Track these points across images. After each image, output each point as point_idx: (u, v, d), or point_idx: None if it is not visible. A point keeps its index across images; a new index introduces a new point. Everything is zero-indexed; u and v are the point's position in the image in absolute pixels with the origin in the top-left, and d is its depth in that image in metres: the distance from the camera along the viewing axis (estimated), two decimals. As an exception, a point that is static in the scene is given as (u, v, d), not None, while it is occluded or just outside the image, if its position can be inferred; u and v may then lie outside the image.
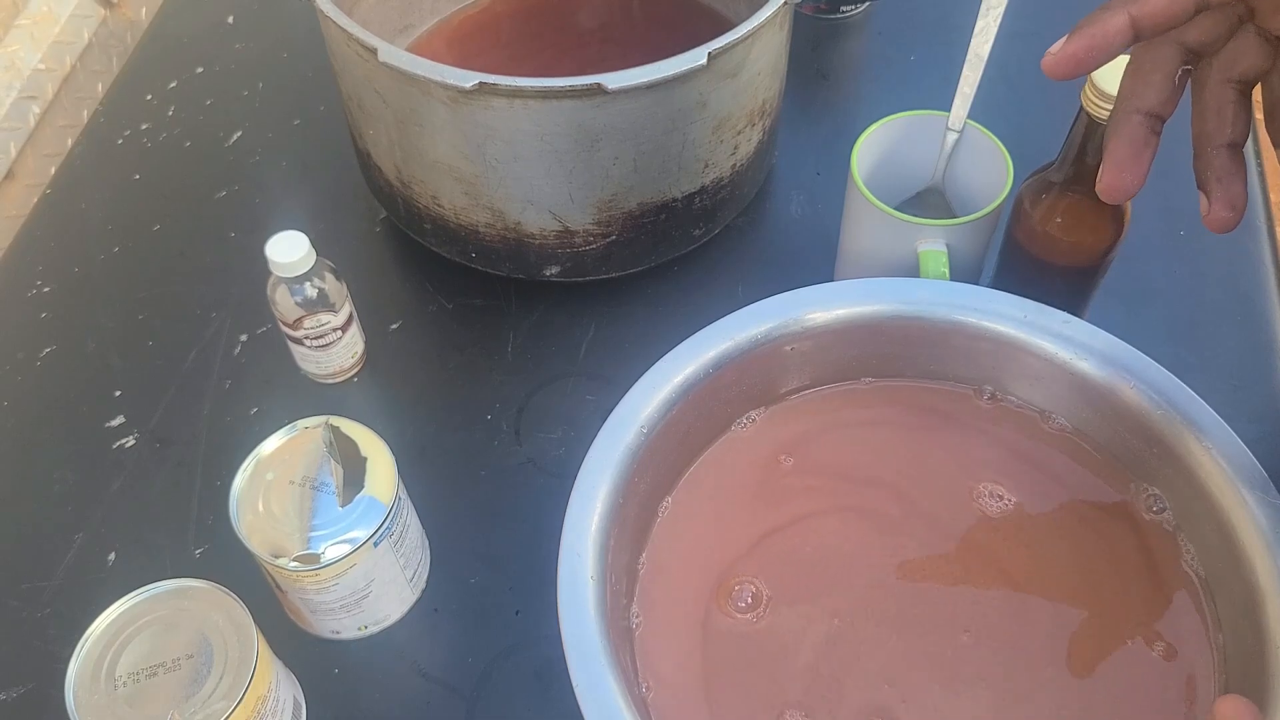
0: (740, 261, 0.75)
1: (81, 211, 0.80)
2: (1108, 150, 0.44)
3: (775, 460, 0.56)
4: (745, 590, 0.52)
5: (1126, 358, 0.53)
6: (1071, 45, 0.42)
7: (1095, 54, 0.41)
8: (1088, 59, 0.41)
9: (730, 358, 0.55)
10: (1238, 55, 0.43)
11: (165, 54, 0.91)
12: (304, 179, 0.81)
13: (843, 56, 0.90)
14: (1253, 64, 0.43)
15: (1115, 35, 0.41)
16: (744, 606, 0.51)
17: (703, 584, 0.52)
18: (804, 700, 0.49)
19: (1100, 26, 0.41)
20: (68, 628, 0.57)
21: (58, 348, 0.72)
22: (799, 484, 0.55)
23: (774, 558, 0.53)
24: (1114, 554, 0.52)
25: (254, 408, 0.69)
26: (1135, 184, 0.44)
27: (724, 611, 0.51)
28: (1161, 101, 0.43)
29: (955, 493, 0.54)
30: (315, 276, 0.64)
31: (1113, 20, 0.41)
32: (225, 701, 0.48)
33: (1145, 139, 0.43)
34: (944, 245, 0.62)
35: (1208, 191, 0.43)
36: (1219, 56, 0.43)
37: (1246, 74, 0.43)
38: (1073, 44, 0.42)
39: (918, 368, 0.58)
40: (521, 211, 0.67)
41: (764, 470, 0.56)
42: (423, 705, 0.57)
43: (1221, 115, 0.43)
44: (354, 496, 0.54)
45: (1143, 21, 0.40)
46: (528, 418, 0.68)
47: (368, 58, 0.61)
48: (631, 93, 0.61)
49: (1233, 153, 0.43)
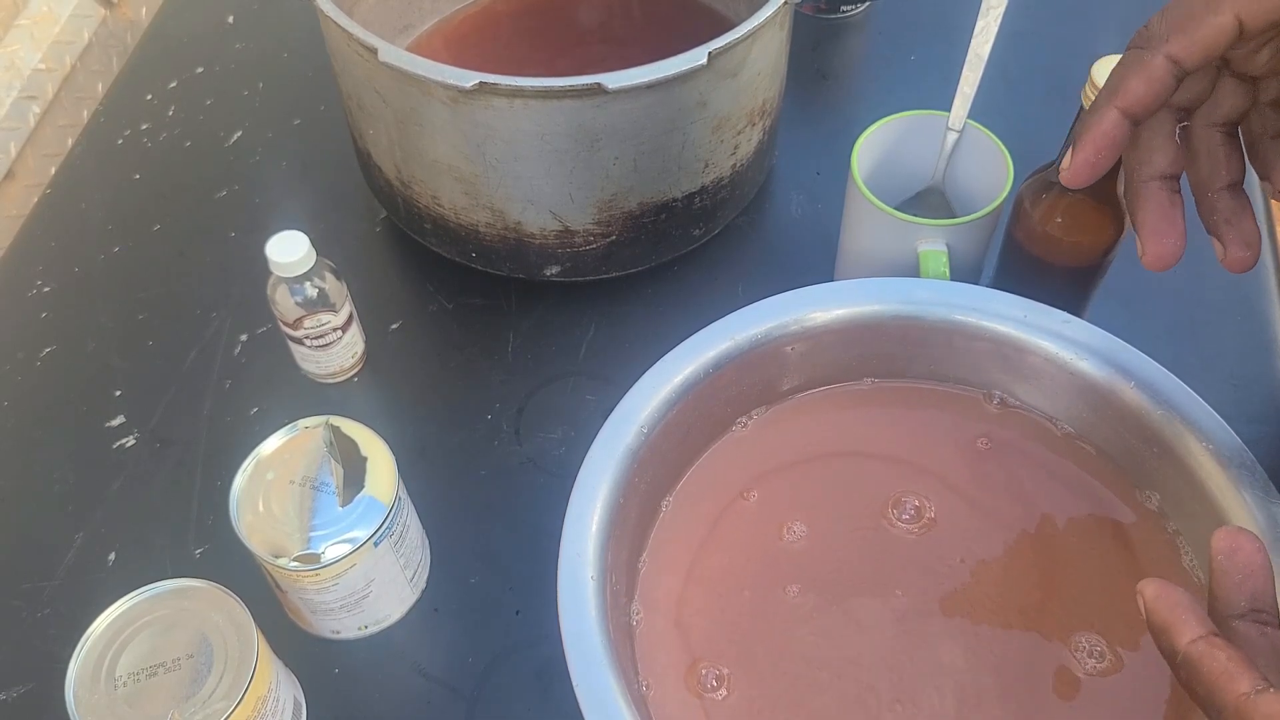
0: (740, 261, 0.75)
1: (81, 211, 0.80)
2: (1139, 224, 0.43)
3: (776, 459, 0.56)
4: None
5: (1126, 358, 0.53)
6: (1080, 155, 0.42)
7: (1104, 153, 0.41)
8: (1100, 160, 0.42)
9: (730, 357, 0.55)
10: (1218, 100, 0.43)
11: (165, 54, 0.91)
12: (304, 179, 0.81)
13: (843, 56, 0.90)
14: (1233, 105, 0.43)
15: (1113, 129, 0.41)
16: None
17: (703, 584, 0.52)
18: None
19: (1097, 128, 0.41)
20: (68, 628, 0.57)
21: (58, 348, 0.72)
22: (800, 483, 0.55)
23: (774, 555, 0.53)
24: (1113, 555, 0.52)
25: (254, 408, 0.69)
26: (1177, 246, 0.43)
27: (724, 611, 0.51)
28: (1170, 162, 0.43)
29: (956, 492, 0.54)
30: (315, 276, 0.64)
31: (1105, 117, 0.41)
32: (225, 701, 0.48)
33: (1170, 200, 0.43)
34: (944, 245, 0.62)
35: (1220, 235, 0.43)
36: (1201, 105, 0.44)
37: (1229, 116, 0.44)
38: (1080, 153, 0.42)
39: (918, 368, 0.58)
40: (521, 211, 0.67)
41: (764, 469, 0.56)
42: (423, 705, 0.57)
43: (1214, 159, 0.44)
44: (354, 496, 0.54)
45: (1132, 109, 0.41)
46: (528, 418, 0.68)
47: (368, 57, 0.61)
48: (631, 92, 0.61)
49: (1234, 193, 0.44)
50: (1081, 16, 0.89)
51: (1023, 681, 0.49)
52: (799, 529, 0.54)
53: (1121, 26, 0.88)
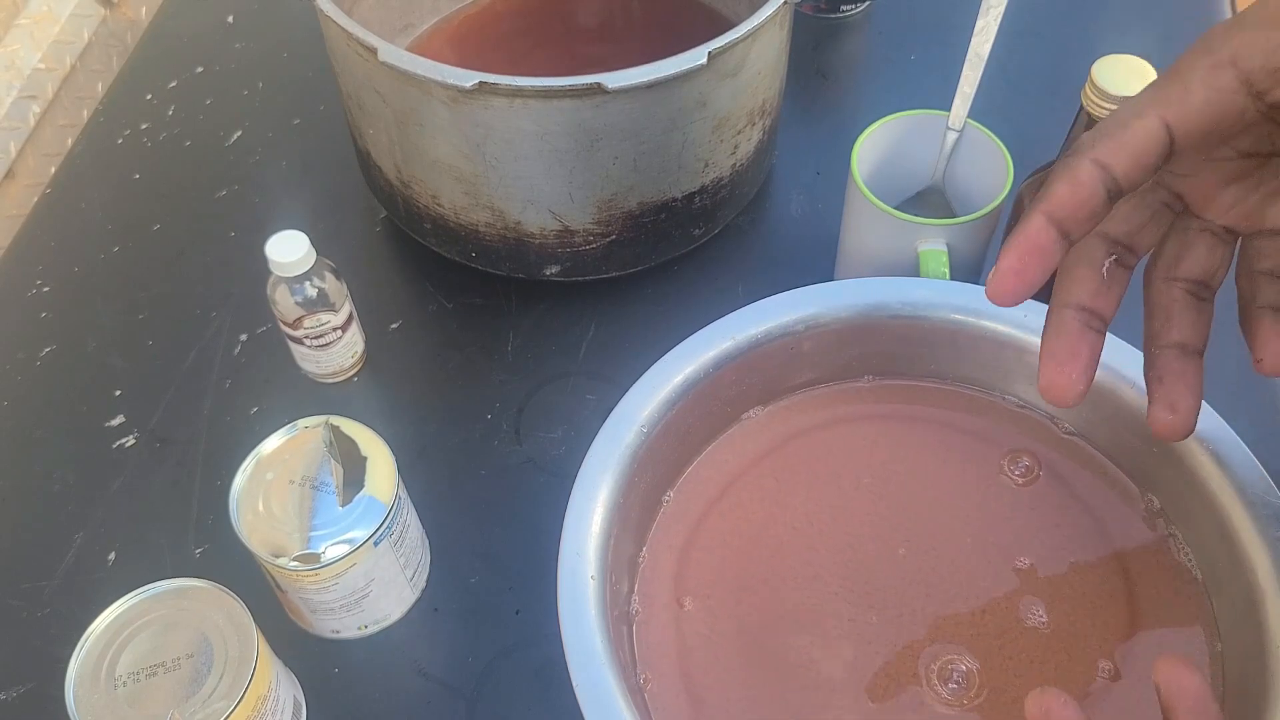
0: (740, 261, 0.75)
1: (81, 211, 0.80)
2: (1043, 348, 0.40)
3: (776, 457, 0.56)
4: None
5: (1126, 358, 0.53)
6: (1004, 261, 0.37)
7: (1029, 259, 0.36)
8: (1026, 268, 0.36)
9: (731, 357, 0.55)
10: (1181, 251, 0.40)
11: (165, 54, 0.91)
12: (304, 179, 0.81)
13: (843, 56, 0.90)
14: (1198, 262, 0.40)
15: (1037, 235, 0.36)
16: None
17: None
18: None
19: (1021, 232, 0.37)
20: (68, 627, 0.57)
21: (58, 348, 0.72)
22: (800, 482, 0.55)
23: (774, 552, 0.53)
24: (1112, 555, 0.52)
25: (254, 407, 0.69)
26: (1076, 381, 0.39)
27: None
28: (1090, 294, 0.40)
29: (956, 491, 0.54)
30: (315, 276, 0.64)
31: (1031, 222, 0.37)
32: (225, 701, 0.48)
33: (1079, 333, 0.39)
34: (944, 245, 0.62)
35: (1149, 390, 0.41)
36: (1162, 252, 0.41)
37: (1192, 272, 0.40)
38: (1004, 259, 0.37)
39: (918, 367, 0.58)
40: (521, 211, 0.67)
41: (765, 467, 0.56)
42: (423, 705, 0.57)
43: (1167, 315, 0.41)
44: (354, 496, 0.54)
45: (1056, 215, 0.36)
46: (528, 417, 0.68)
47: (368, 57, 0.61)
48: (631, 92, 0.61)
49: (1182, 354, 0.40)
50: (1081, 16, 0.89)
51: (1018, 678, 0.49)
52: (800, 525, 0.54)
53: (1122, 27, 0.88)
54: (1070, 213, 0.36)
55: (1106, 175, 0.36)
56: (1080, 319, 0.40)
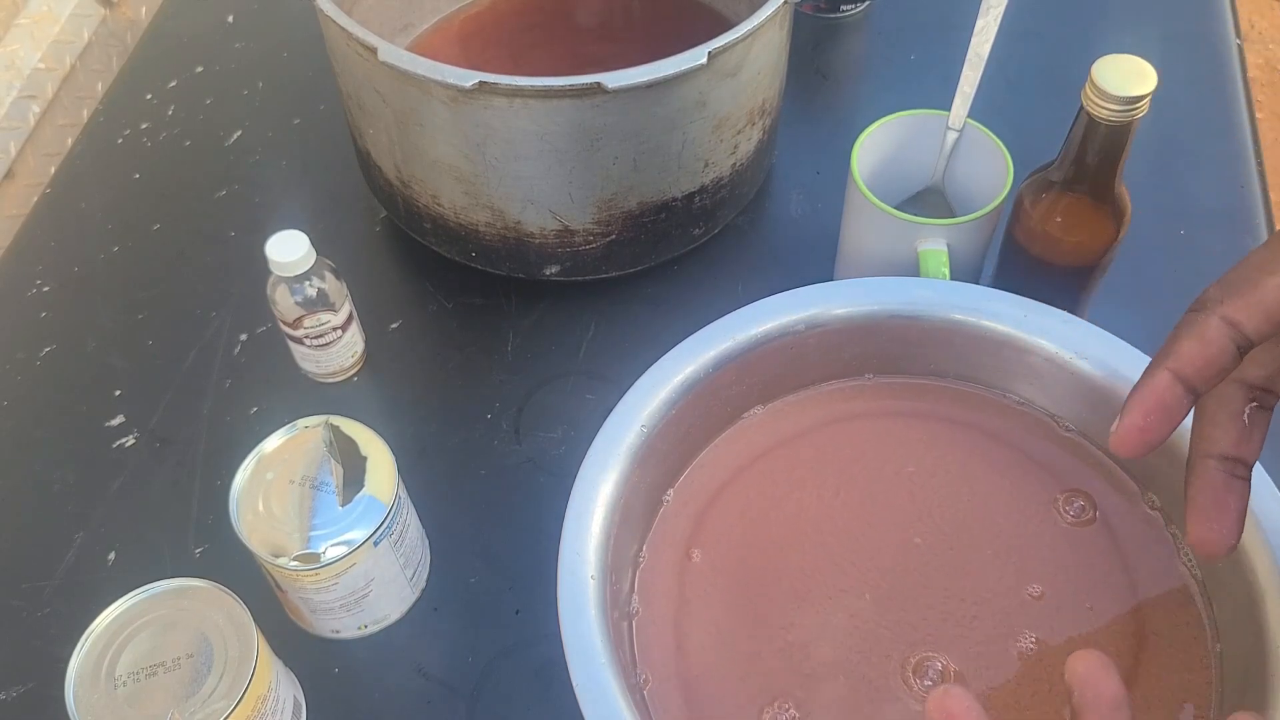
0: (740, 261, 0.75)
1: (81, 211, 0.80)
2: (1188, 500, 0.39)
3: (777, 456, 0.56)
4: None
5: (1126, 358, 0.53)
6: (1127, 418, 0.37)
7: (1154, 417, 0.37)
8: (1150, 425, 0.37)
9: (731, 356, 0.55)
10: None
11: (165, 53, 0.91)
12: (304, 179, 0.81)
13: (843, 56, 0.90)
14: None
15: (1164, 392, 0.37)
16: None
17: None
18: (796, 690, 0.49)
19: (1145, 389, 0.37)
20: (68, 627, 0.57)
21: (58, 348, 0.72)
22: (800, 481, 0.55)
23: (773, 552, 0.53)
24: (1111, 554, 0.52)
25: (254, 407, 0.69)
26: (1228, 536, 0.38)
27: (724, 611, 0.51)
28: (1233, 443, 0.39)
29: (956, 490, 0.54)
30: (315, 276, 0.64)
31: (1156, 379, 0.37)
32: (225, 701, 0.48)
33: (1225, 483, 0.38)
34: (944, 245, 0.62)
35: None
36: None
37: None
38: (1127, 417, 0.37)
39: (918, 367, 0.58)
40: (521, 211, 0.67)
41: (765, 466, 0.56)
42: (423, 705, 0.57)
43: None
44: (354, 496, 0.54)
45: (1184, 372, 0.36)
46: (527, 417, 0.68)
47: (368, 57, 0.61)
48: (631, 92, 0.61)
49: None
50: (1081, 16, 0.89)
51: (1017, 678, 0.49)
52: (800, 523, 0.53)
53: (1121, 26, 0.88)
54: (1198, 370, 0.36)
55: (1237, 332, 0.36)
56: (1225, 469, 0.39)
